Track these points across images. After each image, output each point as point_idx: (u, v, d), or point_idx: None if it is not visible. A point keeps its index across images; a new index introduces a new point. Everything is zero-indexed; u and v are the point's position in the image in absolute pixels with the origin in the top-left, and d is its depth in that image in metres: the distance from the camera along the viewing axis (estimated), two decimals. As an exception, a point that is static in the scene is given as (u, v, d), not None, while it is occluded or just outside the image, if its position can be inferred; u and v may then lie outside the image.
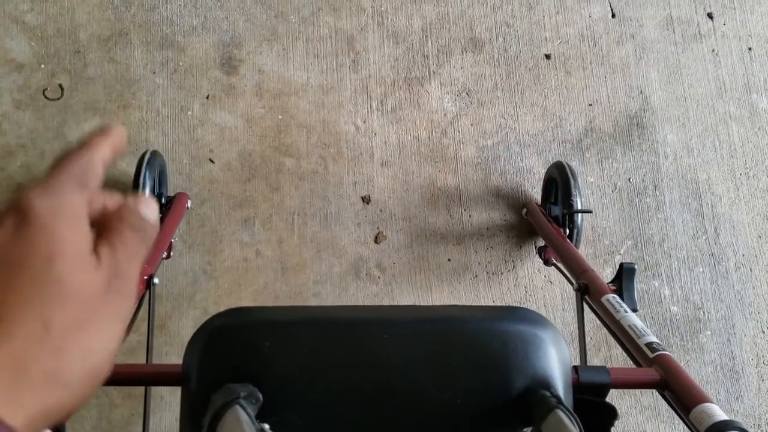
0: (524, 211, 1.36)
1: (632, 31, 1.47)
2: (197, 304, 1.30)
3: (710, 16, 1.49)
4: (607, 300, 0.89)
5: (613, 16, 1.48)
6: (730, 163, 1.43)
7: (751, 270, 1.39)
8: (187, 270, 1.32)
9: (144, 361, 1.00)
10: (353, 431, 0.54)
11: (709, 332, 1.36)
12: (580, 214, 1.24)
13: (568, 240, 1.20)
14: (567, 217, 1.23)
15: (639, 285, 1.36)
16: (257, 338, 0.54)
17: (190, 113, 1.38)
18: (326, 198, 1.37)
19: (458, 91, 1.43)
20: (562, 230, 1.23)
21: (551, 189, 1.33)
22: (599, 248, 1.38)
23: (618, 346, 0.84)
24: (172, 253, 1.28)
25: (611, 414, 0.58)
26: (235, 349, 0.54)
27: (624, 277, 0.95)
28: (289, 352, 0.54)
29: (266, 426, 0.49)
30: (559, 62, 1.46)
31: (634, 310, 0.86)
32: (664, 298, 1.37)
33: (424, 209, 1.38)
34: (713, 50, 1.47)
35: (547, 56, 1.46)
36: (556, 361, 0.55)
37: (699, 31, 1.48)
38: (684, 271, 1.38)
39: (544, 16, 1.47)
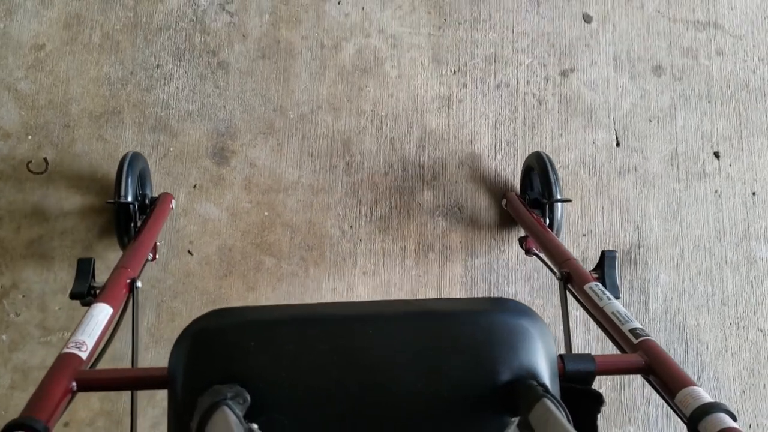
0: (504, 201, 1.36)
1: (635, 163, 1.44)
2: (163, 403, 1.26)
3: (717, 155, 1.45)
4: (590, 288, 0.90)
5: (618, 144, 1.44)
6: (721, 311, 1.39)
7: (731, 426, 1.34)
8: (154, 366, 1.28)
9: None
10: (341, 428, 0.54)
11: (680, 488, 1.31)
12: (559, 204, 1.25)
13: (548, 229, 1.20)
14: (547, 207, 1.23)
15: (615, 430, 1.32)
16: (242, 338, 0.54)
17: (174, 201, 1.34)
18: (303, 302, 1.33)
19: (450, 205, 1.40)
20: (542, 220, 1.23)
21: (529, 179, 1.33)
22: (577, 385, 1.34)
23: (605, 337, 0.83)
24: (157, 256, 1.26)
25: (598, 401, 0.59)
26: (221, 350, 0.54)
27: (606, 264, 0.98)
28: (275, 351, 0.54)
29: (255, 426, 0.49)
30: (558, 186, 1.42)
31: (617, 297, 0.88)
32: (639, 445, 1.32)
33: (402, 324, 1.34)
34: (716, 191, 1.44)
35: (546, 179, 1.42)
36: (541, 351, 0.56)
37: (704, 170, 1.44)
38: (662, 420, 1.33)
39: (546, 138, 1.44)
